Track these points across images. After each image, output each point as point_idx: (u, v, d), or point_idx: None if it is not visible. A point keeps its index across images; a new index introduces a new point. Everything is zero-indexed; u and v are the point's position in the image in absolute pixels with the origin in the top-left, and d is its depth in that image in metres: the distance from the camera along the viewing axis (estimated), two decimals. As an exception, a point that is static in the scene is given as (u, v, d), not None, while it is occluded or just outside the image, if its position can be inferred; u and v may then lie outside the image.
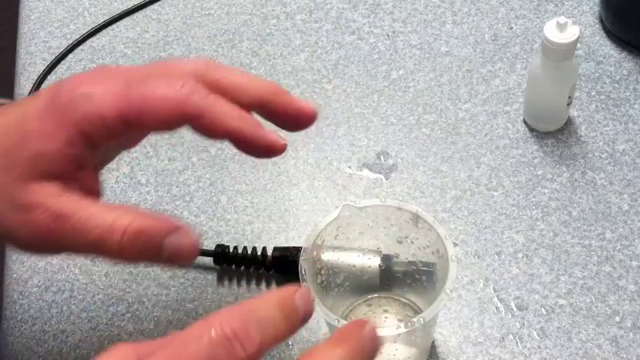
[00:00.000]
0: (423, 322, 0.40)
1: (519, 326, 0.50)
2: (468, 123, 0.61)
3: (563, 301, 0.51)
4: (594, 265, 0.52)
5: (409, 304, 0.50)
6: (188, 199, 0.58)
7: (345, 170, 0.59)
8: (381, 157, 0.59)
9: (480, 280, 0.52)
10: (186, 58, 0.68)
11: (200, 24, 0.71)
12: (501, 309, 0.51)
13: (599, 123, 0.60)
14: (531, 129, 0.60)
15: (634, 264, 0.52)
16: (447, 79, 0.64)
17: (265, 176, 0.59)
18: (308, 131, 0.48)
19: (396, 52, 0.66)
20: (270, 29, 0.69)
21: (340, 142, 0.61)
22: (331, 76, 0.65)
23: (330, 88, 0.64)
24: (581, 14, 0.67)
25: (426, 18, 0.69)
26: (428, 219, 0.44)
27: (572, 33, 0.53)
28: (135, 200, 0.59)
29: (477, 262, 0.53)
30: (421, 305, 0.49)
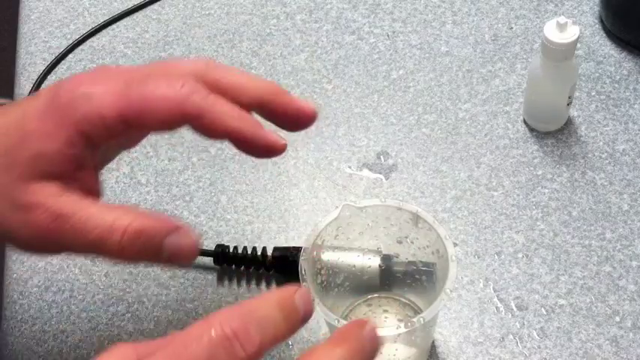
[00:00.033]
0: (423, 322, 0.40)
1: (519, 326, 0.50)
2: (468, 123, 0.61)
3: (563, 301, 0.51)
4: (594, 265, 0.52)
5: (409, 304, 0.50)
6: (188, 199, 0.58)
7: (345, 170, 0.59)
8: (381, 157, 0.59)
9: (480, 280, 0.52)
10: (186, 58, 0.68)
11: (200, 24, 0.71)
12: (501, 309, 0.51)
13: (599, 123, 0.60)
14: (531, 129, 0.60)
15: (634, 264, 0.52)
16: (447, 79, 0.64)
17: (265, 176, 0.59)
18: (308, 131, 0.48)
19: (396, 52, 0.66)
20: (270, 29, 0.69)
21: (340, 142, 0.61)
22: (331, 76, 0.65)
23: (330, 88, 0.64)
24: (581, 14, 0.67)
25: (426, 18, 0.69)
26: (428, 219, 0.44)
27: (572, 33, 0.53)
28: (135, 200, 0.59)
29: (477, 262, 0.53)
30: (421, 305, 0.49)
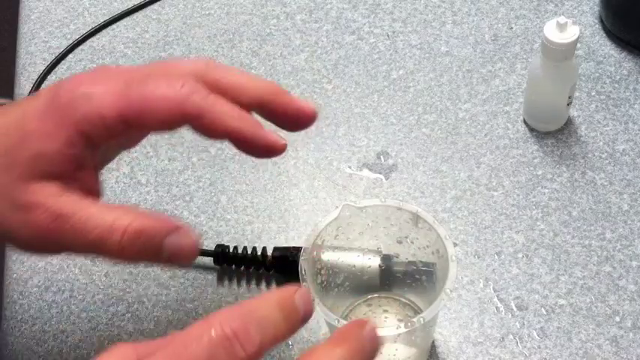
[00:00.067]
0: (423, 322, 0.40)
1: (519, 326, 0.50)
2: (468, 123, 0.61)
3: (563, 301, 0.51)
4: (594, 265, 0.52)
5: (409, 304, 0.50)
6: (188, 199, 0.58)
7: (345, 170, 0.59)
8: (381, 157, 0.59)
9: (480, 280, 0.52)
10: (186, 58, 0.68)
11: (200, 24, 0.71)
12: (501, 309, 0.51)
13: (599, 123, 0.60)
14: (531, 129, 0.60)
15: (634, 264, 0.52)
16: (447, 79, 0.64)
17: (265, 176, 0.59)
18: (308, 131, 0.48)
19: (396, 52, 0.66)
20: (270, 29, 0.69)
21: (340, 142, 0.61)
22: (331, 76, 0.65)
23: (330, 88, 0.64)
24: (581, 14, 0.67)
25: (426, 18, 0.69)
26: (428, 219, 0.44)
27: (572, 33, 0.53)
28: (135, 200, 0.59)
29: (477, 262, 0.53)
30: (421, 305, 0.49)
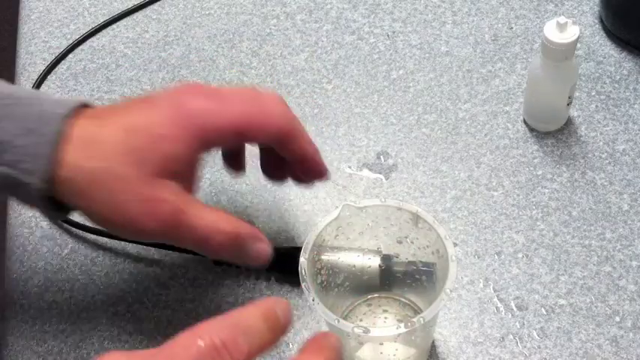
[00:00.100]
0: (423, 322, 0.40)
1: (519, 326, 0.50)
2: (468, 123, 0.61)
3: (563, 301, 0.51)
4: (594, 265, 0.52)
5: (409, 304, 0.50)
6: (188, 199, 0.58)
7: (345, 170, 0.59)
8: (381, 157, 0.59)
9: (480, 280, 0.52)
10: (187, 58, 0.68)
11: (200, 24, 0.71)
12: (501, 309, 0.51)
13: (599, 123, 0.60)
14: (531, 129, 0.60)
15: (634, 264, 0.52)
16: (447, 79, 0.64)
17: (265, 176, 0.59)
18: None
19: (396, 52, 0.66)
20: (270, 29, 0.69)
21: (340, 142, 0.61)
22: (331, 76, 0.65)
23: (330, 88, 0.64)
24: (581, 14, 0.67)
25: (426, 18, 0.69)
26: (428, 219, 0.44)
27: (572, 33, 0.53)
28: (135, 200, 0.58)
29: (477, 262, 0.53)
30: (421, 305, 0.49)
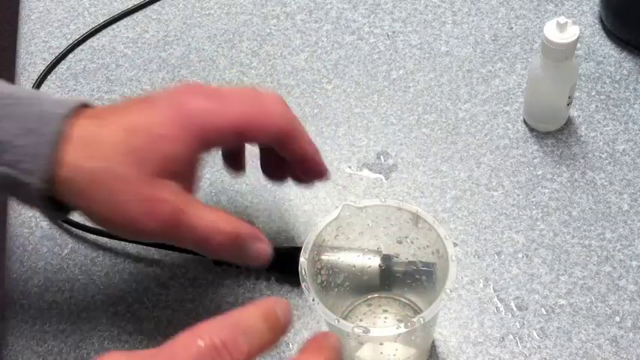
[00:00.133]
0: (423, 322, 0.40)
1: (519, 326, 0.50)
2: (468, 123, 0.61)
3: (563, 301, 0.51)
4: (594, 265, 0.52)
5: (409, 304, 0.50)
6: (188, 199, 0.58)
7: (345, 170, 0.59)
8: (381, 157, 0.59)
9: (480, 280, 0.52)
10: (187, 58, 0.68)
11: (200, 24, 0.71)
12: (501, 309, 0.51)
13: (599, 123, 0.60)
14: (531, 129, 0.60)
15: (634, 264, 0.52)
16: (447, 79, 0.64)
17: (265, 176, 0.59)
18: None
19: (396, 52, 0.66)
20: (270, 29, 0.69)
21: (340, 142, 0.61)
22: (331, 76, 0.65)
23: (330, 88, 0.64)
24: (581, 14, 0.67)
25: (426, 18, 0.69)
26: (428, 219, 0.44)
27: (572, 33, 0.53)
28: (135, 200, 0.58)
29: (477, 262, 0.53)
30: (421, 305, 0.49)
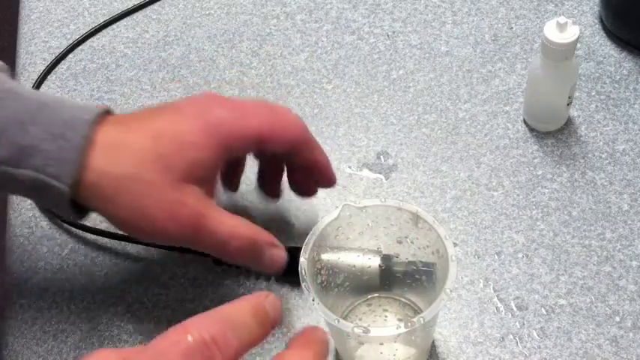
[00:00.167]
0: (423, 322, 0.40)
1: (519, 326, 0.50)
2: (468, 123, 0.61)
3: (563, 301, 0.51)
4: (594, 265, 0.52)
5: (409, 304, 0.50)
6: (188, 199, 0.58)
7: (345, 170, 0.59)
8: (381, 157, 0.59)
9: (480, 280, 0.52)
10: (187, 58, 0.68)
11: (200, 24, 0.71)
12: (501, 309, 0.51)
13: (599, 123, 0.60)
14: (531, 129, 0.60)
15: (634, 264, 0.52)
16: (447, 79, 0.64)
17: (265, 176, 0.59)
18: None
19: (396, 52, 0.66)
20: (270, 29, 0.69)
21: (340, 142, 0.61)
22: (331, 76, 0.65)
23: (330, 88, 0.64)
24: (581, 14, 0.67)
25: (426, 18, 0.69)
26: (428, 219, 0.44)
27: (572, 33, 0.53)
28: (135, 200, 0.58)
29: (477, 262, 0.53)
30: (421, 305, 0.49)
